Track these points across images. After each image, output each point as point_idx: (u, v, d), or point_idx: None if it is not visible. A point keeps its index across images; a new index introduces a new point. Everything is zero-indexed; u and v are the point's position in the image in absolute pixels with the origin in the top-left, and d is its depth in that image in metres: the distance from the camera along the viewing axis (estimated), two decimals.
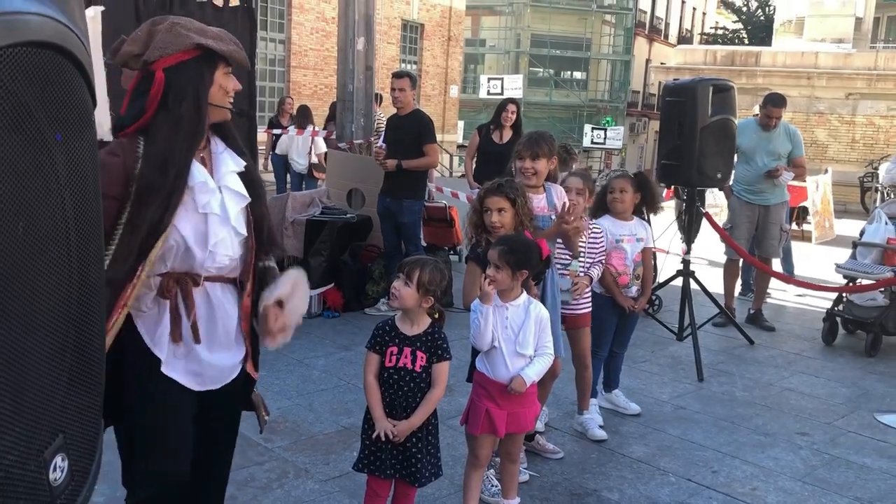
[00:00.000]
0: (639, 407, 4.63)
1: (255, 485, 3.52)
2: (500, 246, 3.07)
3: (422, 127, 6.24)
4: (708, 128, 5.57)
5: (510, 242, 3.11)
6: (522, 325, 3.05)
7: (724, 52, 21.29)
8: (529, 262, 3.05)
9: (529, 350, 3.05)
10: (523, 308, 3.08)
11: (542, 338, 3.09)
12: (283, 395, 4.62)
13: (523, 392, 3.03)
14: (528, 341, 3.05)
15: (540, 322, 3.07)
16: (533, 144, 3.74)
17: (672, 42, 40.82)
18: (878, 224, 6.43)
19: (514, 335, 3.06)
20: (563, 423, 4.42)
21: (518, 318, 3.07)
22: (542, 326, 3.08)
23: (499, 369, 3.07)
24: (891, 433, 4.55)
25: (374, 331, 2.87)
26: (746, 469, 3.96)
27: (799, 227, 11.83)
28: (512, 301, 3.08)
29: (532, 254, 3.08)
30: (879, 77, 18.29)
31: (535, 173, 3.73)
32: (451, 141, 24.73)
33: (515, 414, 3.10)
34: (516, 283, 3.06)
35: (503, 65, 35.68)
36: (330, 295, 6.46)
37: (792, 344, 6.36)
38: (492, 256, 3.05)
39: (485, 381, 3.13)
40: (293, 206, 6.65)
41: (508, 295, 3.08)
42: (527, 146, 3.76)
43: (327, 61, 19.22)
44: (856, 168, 17.34)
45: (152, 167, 2.01)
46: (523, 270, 3.03)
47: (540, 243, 3.19)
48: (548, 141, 3.78)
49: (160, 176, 2.01)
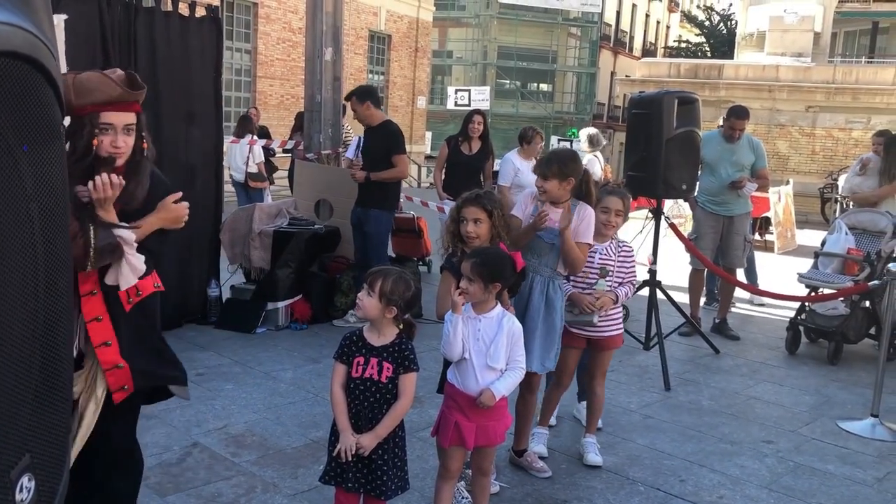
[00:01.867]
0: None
1: (223, 500, 3.46)
2: (473, 259, 3.07)
3: (390, 138, 6.24)
4: (673, 140, 5.64)
5: (482, 255, 3.11)
6: (494, 338, 3.04)
7: (688, 65, 21.62)
8: (502, 274, 3.05)
9: (500, 364, 3.03)
10: (496, 321, 3.06)
11: (514, 351, 3.07)
12: (249, 409, 4.57)
13: (492, 406, 3.02)
14: (499, 355, 3.03)
15: (512, 336, 3.06)
16: (543, 164, 3.74)
17: (636, 55, 41.37)
18: (838, 234, 6.55)
19: (485, 348, 3.04)
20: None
21: (490, 331, 3.05)
22: (514, 340, 3.07)
23: (469, 381, 3.06)
24: (853, 440, 4.63)
25: (342, 341, 2.85)
26: (714, 477, 4.00)
27: (762, 238, 12.02)
28: (485, 314, 3.07)
29: (505, 266, 3.08)
30: (837, 90, 18.70)
31: (545, 192, 3.73)
32: (418, 151, 24.76)
33: (485, 427, 3.08)
34: (489, 295, 3.05)
35: (470, 76, 35.87)
36: (298, 307, 6.40)
37: (756, 353, 6.44)
38: (464, 269, 3.05)
39: (455, 392, 3.11)
40: (260, 218, 6.59)
41: (482, 307, 3.07)
42: (538, 165, 3.80)
43: (294, 72, 19.15)
44: (816, 179, 17.69)
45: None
46: (496, 283, 3.03)
47: (514, 256, 3.17)
48: (561, 161, 3.70)
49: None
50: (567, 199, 3.75)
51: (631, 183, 5.84)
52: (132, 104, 2.55)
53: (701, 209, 6.82)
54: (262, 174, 9.67)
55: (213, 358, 5.45)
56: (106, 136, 2.50)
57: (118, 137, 2.52)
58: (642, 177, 5.71)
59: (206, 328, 6.11)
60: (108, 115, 2.49)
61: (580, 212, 3.75)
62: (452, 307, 3.03)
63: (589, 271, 3.98)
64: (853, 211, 6.80)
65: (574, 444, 4.21)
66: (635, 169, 5.78)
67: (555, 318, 3.75)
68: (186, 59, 5.74)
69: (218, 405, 4.60)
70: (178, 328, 5.96)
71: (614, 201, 4.02)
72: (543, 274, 3.74)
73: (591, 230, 3.79)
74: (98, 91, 2.43)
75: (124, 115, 2.53)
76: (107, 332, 2.58)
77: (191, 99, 5.81)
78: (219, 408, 4.56)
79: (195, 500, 3.45)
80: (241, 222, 6.61)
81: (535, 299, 3.70)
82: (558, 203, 3.74)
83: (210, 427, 4.27)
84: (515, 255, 3.18)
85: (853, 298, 6.22)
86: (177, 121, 5.70)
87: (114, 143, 2.51)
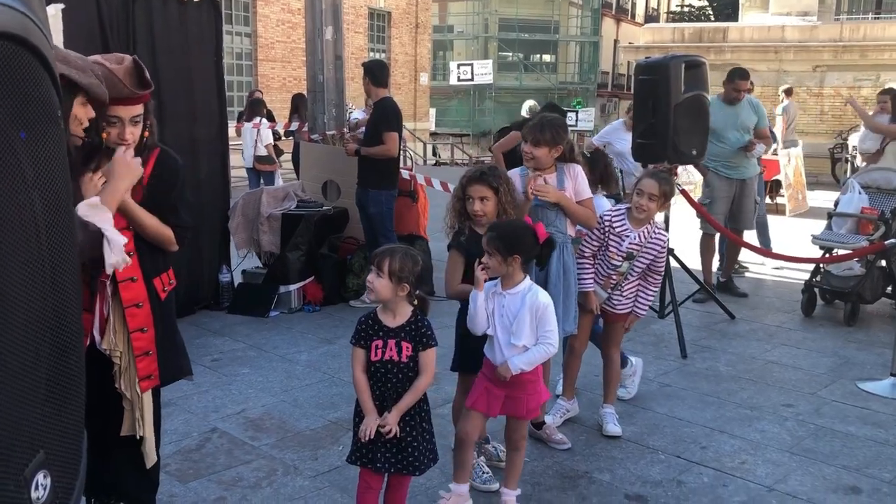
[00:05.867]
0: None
1: (244, 484, 3.47)
2: (490, 232, 3.06)
3: (380, 114, 6.20)
4: (681, 105, 5.56)
5: (499, 228, 3.09)
6: (518, 314, 3.01)
7: (692, 30, 21.34)
8: (521, 246, 3.00)
9: (524, 340, 3.00)
10: (520, 296, 3.03)
11: (541, 326, 3.02)
12: (266, 392, 4.57)
13: (508, 379, 3.00)
14: (522, 331, 3.00)
15: (537, 310, 3.01)
16: (536, 130, 3.69)
17: (639, 21, 40.91)
18: (851, 194, 6.47)
19: (509, 324, 3.02)
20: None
21: (514, 307, 3.02)
22: (539, 315, 3.01)
23: (496, 355, 3.07)
24: (873, 400, 4.59)
25: (357, 325, 2.83)
26: (734, 443, 3.98)
27: (773, 201, 11.91)
28: (510, 289, 3.04)
29: (523, 238, 3.03)
30: (845, 48, 18.42)
31: (532, 158, 3.70)
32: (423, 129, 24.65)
33: (513, 398, 3.09)
34: (512, 268, 3.01)
35: (472, 50, 35.58)
36: (310, 289, 6.40)
37: (772, 317, 6.40)
38: (483, 243, 3.04)
39: (487, 363, 3.14)
40: (268, 201, 6.56)
41: (508, 282, 3.05)
42: (529, 131, 3.73)
43: (295, 53, 19.04)
44: (825, 140, 17.48)
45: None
46: (515, 255, 2.99)
47: (536, 227, 3.12)
48: (553, 129, 3.68)
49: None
50: (552, 165, 3.74)
51: (639, 150, 5.78)
52: (141, 97, 2.56)
53: (714, 174, 6.79)
54: (272, 157, 9.60)
55: (227, 343, 5.45)
56: (114, 129, 2.52)
57: (125, 129, 2.54)
58: (651, 144, 5.64)
59: (218, 314, 6.11)
60: (117, 109, 2.50)
61: (570, 173, 3.76)
62: (475, 283, 3.03)
63: (616, 253, 3.94)
64: (866, 170, 6.71)
65: (593, 415, 4.20)
66: (644, 136, 5.70)
67: (570, 282, 3.76)
68: (186, 46, 5.69)
69: (235, 390, 4.60)
70: (191, 315, 5.96)
71: (649, 184, 3.89)
72: (558, 240, 3.71)
73: (587, 184, 3.80)
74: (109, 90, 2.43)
75: (133, 108, 2.54)
76: (146, 318, 2.66)
77: (192, 85, 5.76)
78: (236, 392, 4.56)
79: (216, 485, 3.46)
80: (249, 207, 6.59)
81: (554, 267, 3.69)
82: (543, 170, 3.73)
83: (228, 412, 4.28)
84: (538, 226, 3.13)
85: (869, 258, 6.15)
86: (179, 108, 5.66)
87: (121, 135, 2.53)
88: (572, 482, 3.55)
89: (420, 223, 7.45)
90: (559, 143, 3.67)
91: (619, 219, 3.96)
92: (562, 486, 3.52)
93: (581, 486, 3.52)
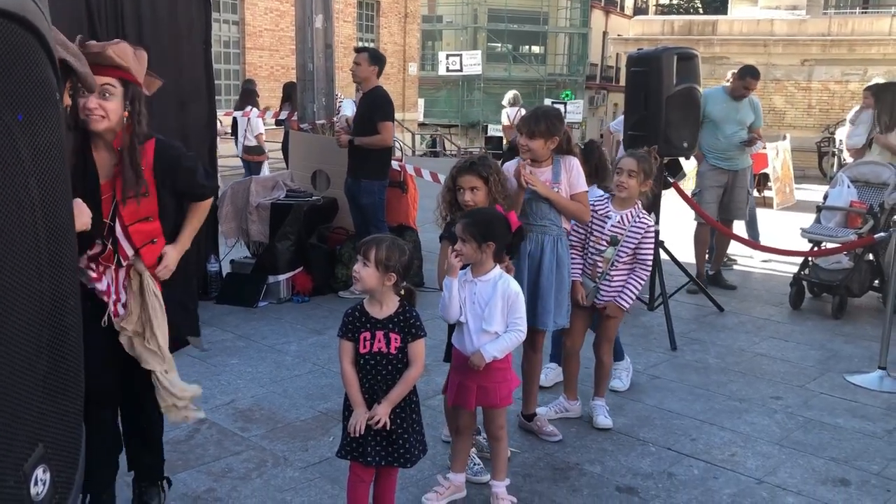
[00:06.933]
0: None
1: (233, 475, 3.45)
2: (465, 219, 3.08)
3: (375, 104, 6.15)
4: (673, 97, 5.56)
5: (474, 215, 3.13)
6: (489, 300, 3.04)
7: (682, 22, 21.36)
8: (494, 234, 3.03)
9: (495, 327, 3.04)
10: (492, 283, 3.06)
11: (512, 314, 3.06)
12: (256, 383, 4.54)
13: (482, 367, 3.02)
14: (494, 318, 3.04)
15: (508, 298, 3.05)
16: (531, 122, 3.65)
17: (628, 14, 40.88)
18: (840, 188, 6.50)
19: (480, 311, 3.05)
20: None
21: (486, 294, 3.06)
22: (510, 302, 3.06)
23: (466, 344, 3.10)
24: (861, 393, 4.62)
25: (344, 318, 2.80)
26: (724, 435, 3.99)
27: (760, 194, 11.95)
28: (482, 276, 3.07)
29: (496, 225, 3.07)
30: (833, 43, 18.48)
31: (528, 150, 3.67)
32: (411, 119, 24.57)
33: (485, 388, 3.11)
34: (485, 256, 3.04)
35: (461, 41, 35.45)
36: (299, 279, 6.36)
37: (761, 309, 6.42)
38: (457, 230, 3.06)
39: (457, 354, 3.17)
40: (257, 191, 6.51)
41: (479, 270, 3.08)
42: (524, 122, 3.70)
43: (283, 42, 18.90)
44: (813, 134, 17.57)
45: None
46: (489, 243, 3.02)
47: (509, 215, 3.15)
48: (549, 120, 3.64)
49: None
50: (549, 157, 3.71)
51: (631, 142, 5.77)
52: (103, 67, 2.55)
53: (707, 165, 6.87)
54: (261, 147, 9.46)
55: (216, 333, 5.41)
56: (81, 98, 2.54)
57: (90, 98, 2.55)
58: (643, 136, 5.62)
59: (206, 304, 6.05)
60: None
61: (566, 165, 3.72)
62: (448, 270, 3.05)
63: (601, 237, 3.93)
64: (855, 163, 6.74)
65: (583, 408, 4.19)
66: (635, 128, 5.70)
67: (564, 275, 3.75)
68: (176, 34, 5.61)
69: (224, 380, 4.57)
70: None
71: (627, 162, 3.92)
72: (552, 233, 3.71)
73: (582, 177, 3.76)
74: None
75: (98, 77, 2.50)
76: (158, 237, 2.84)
77: (181, 73, 5.68)
78: (225, 383, 4.53)
79: (206, 476, 3.43)
80: (238, 196, 6.54)
81: (547, 259, 3.68)
82: (540, 162, 3.70)
83: (217, 403, 4.25)
84: (510, 214, 3.17)
85: (857, 251, 6.18)
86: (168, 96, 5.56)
87: (86, 103, 2.55)
88: (563, 474, 3.55)
89: (410, 214, 7.41)
90: (555, 135, 3.64)
91: (601, 202, 3.97)
92: (553, 478, 3.52)
93: (572, 477, 3.52)
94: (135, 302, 2.81)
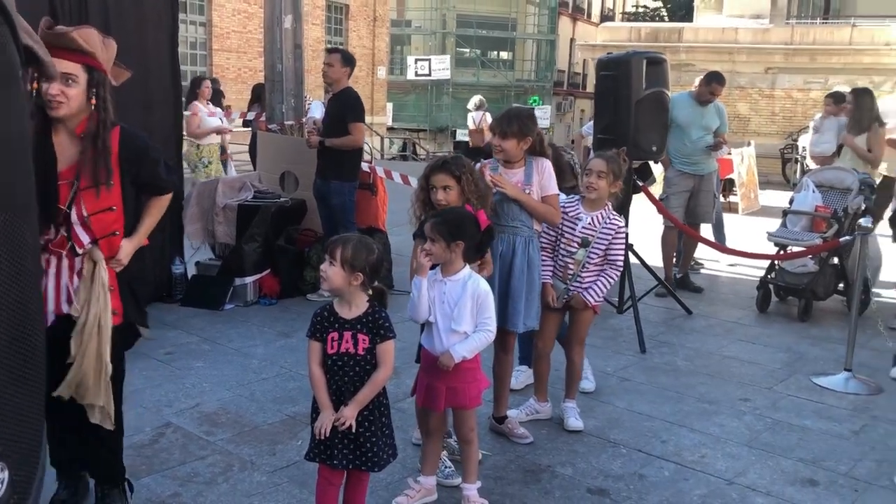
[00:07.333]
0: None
1: (199, 480, 3.37)
2: (434, 218, 3.06)
3: (347, 105, 6.10)
4: (642, 101, 5.60)
5: (443, 214, 3.11)
6: (459, 300, 3.01)
7: (648, 29, 21.59)
8: (464, 232, 3.01)
9: (464, 326, 3.01)
10: (461, 283, 3.03)
11: (481, 314, 3.04)
12: (222, 386, 4.45)
13: (452, 367, 2.99)
14: (463, 317, 3.01)
15: (477, 297, 3.03)
16: (503, 122, 3.64)
17: (595, 21, 41.23)
18: (806, 192, 6.58)
19: (450, 310, 3.02)
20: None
21: (455, 294, 3.03)
22: (479, 302, 3.03)
23: (435, 344, 3.06)
24: (827, 394, 4.67)
25: (313, 318, 2.75)
26: (694, 437, 4.00)
27: (725, 199, 12.09)
28: (451, 276, 3.05)
29: (465, 224, 3.04)
30: (796, 51, 18.81)
31: (501, 151, 3.65)
32: (380, 123, 24.50)
33: (454, 389, 3.07)
34: (454, 255, 3.02)
35: (430, 45, 35.45)
36: (266, 282, 6.27)
37: (728, 313, 6.48)
38: (426, 229, 3.03)
39: (426, 355, 3.14)
40: (223, 191, 6.41)
41: (448, 269, 3.06)
42: (497, 123, 3.68)
43: (251, 44, 18.73)
44: (776, 140, 17.85)
45: None
46: (458, 242, 2.99)
47: (478, 214, 3.14)
48: (521, 120, 3.63)
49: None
50: (522, 158, 3.70)
51: (600, 146, 5.78)
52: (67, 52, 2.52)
53: (673, 169, 6.92)
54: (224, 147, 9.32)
55: (181, 336, 5.31)
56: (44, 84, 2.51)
57: (52, 85, 2.50)
58: (612, 139, 5.64)
59: (171, 306, 5.95)
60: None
61: (538, 167, 3.71)
62: (417, 269, 3.02)
63: (572, 239, 3.92)
64: (820, 169, 6.83)
65: (554, 410, 4.17)
66: (605, 132, 5.73)
67: (534, 276, 3.74)
68: (141, 29, 5.51)
69: (189, 384, 4.48)
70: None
71: (597, 163, 3.92)
72: (523, 234, 3.70)
73: (554, 180, 3.75)
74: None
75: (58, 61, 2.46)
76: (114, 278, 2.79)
77: (147, 69, 5.57)
78: (190, 386, 4.44)
79: (171, 480, 3.35)
80: (204, 196, 6.43)
81: (518, 260, 3.67)
82: (513, 163, 3.68)
83: (182, 406, 4.16)
84: (479, 213, 3.15)
85: (822, 255, 6.26)
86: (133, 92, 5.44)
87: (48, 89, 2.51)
88: (535, 476, 3.53)
89: (379, 216, 7.35)
90: (528, 135, 3.63)
91: (572, 204, 3.96)
92: (524, 480, 3.49)
93: (543, 479, 3.50)
94: (84, 289, 2.72)
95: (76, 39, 2.54)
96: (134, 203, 2.90)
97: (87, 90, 2.63)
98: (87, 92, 2.64)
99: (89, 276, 2.72)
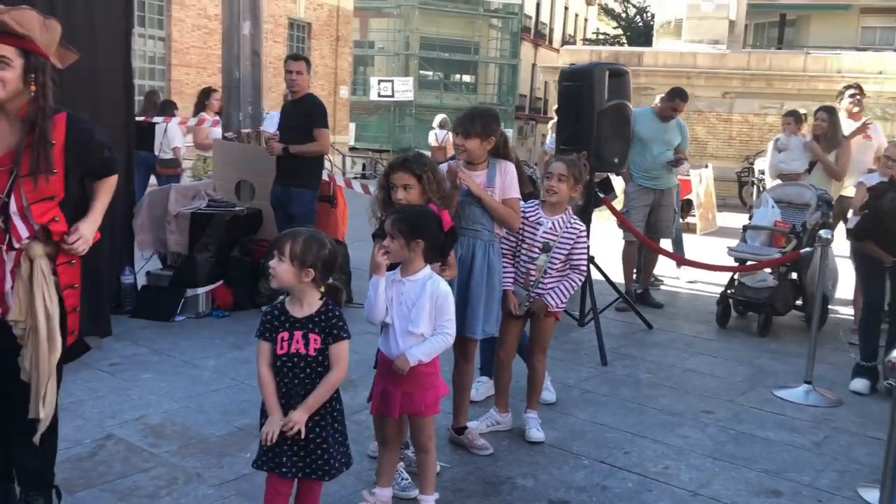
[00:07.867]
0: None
1: (140, 493, 3.18)
2: (394, 215, 2.96)
3: (312, 110, 5.96)
4: (605, 112, 5.58)
5: (403, 211, 3.01)
6: (417, 301, 2.89)
7: (609, 53, 21.85)
8: (423, 231, 2.90)
9: (421, 328, 2.89)
10: (420, 283, 2.91)
11: (440, 316, 2.92)
12: (169, 398, 4.26)
13: (406, 371, 2.86)
14: (420, 319, 2.89)
15: (436, 299, 2.90)
16: (466, 122, 3.57)
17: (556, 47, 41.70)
18: (765, 208, 6.61)
19: (407, 311, 2.90)
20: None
21: (413, 294, 2.91)
22: (438, 304, 2.91)
23: (391, 346, 2.93)
24: (788, 407, 4.63)
25: (262, 317, 2.62)
26: (657, 448, 3.92)
27: (684, 220, 12.17)
28: (410, 276, 2.93)
29: (426, 223, 2.94)
30: (752, 77, 19.16)
31: (464, 150, 3.57)
32: (342, 142, 24.35)
33: (410, 395, 2.93)
34: (413, 254, 2.90)
35: (393, 67, 35.49)
36: (219, 293, 6.08)
37: (689, 327, 6.45)
38: (386, 226, 2.93)
39: (382, 358, 3.00)
40: (176, 199, 6.22)
41: (407, 269, 2.94)
42: (460, 122, 3.60)
43: (210, 59, 18.49)
44: (733, 164, 18.10)
45: None
46: (418, 240, 2.88)
47: (441, 214, 3.02)
48: (484, 120, 3.57)
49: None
50: (485, 160, 3.63)
51: None
52: (3, 35, 2.42)
53: (634, 184, 6.93)
54: (178, 160, 9.01)
55: (128, 347, 5.09)
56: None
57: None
58: (574, 150, 5.60)
59: (120, 317, 5.71)
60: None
61: (501, 169, 3.64)
62: (375, 268, 2.90)
63: (533, 244, 3.83)
64: (780, 185, 6.88)
65: (515, 421, 4.05)
66: (567, 143, 5.69)
67: (495, 281, 3.64)
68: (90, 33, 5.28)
69: (134, 395, 4.27)
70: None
71: (557, 166, 3.84)
72: (483, 238, 3.61)
73: (516, 183, 3.68)
74: None
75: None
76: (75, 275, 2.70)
77: (97, 75, 5.34)
78: (135, 398, 4.23)
79: (109, 494, 3.16)
80: (156, 204, 6.23)
81: (478, 265, 3.58)
82: (476, 164, 3.61)
83: (126, 418, 3.95)
84: (443, 213, 3.04)
85: (780, 270, 6.28)
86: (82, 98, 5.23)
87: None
88: (495, 488, 3.40)
89: (339, 229, 7.21)
90: (491, 135, 3.56)
91: (532, 208, 3.88)
92: (484, 493, 3.36)
93: (504, 492, 3.38)
94: (23, 289, 2.54)
95: (7, 22, 2.40)
96: (77, 194, 2.73)
97: (25, 75, 2.49)
98: (25, 77, 2.49)
99: (27, 277, 2.54)
